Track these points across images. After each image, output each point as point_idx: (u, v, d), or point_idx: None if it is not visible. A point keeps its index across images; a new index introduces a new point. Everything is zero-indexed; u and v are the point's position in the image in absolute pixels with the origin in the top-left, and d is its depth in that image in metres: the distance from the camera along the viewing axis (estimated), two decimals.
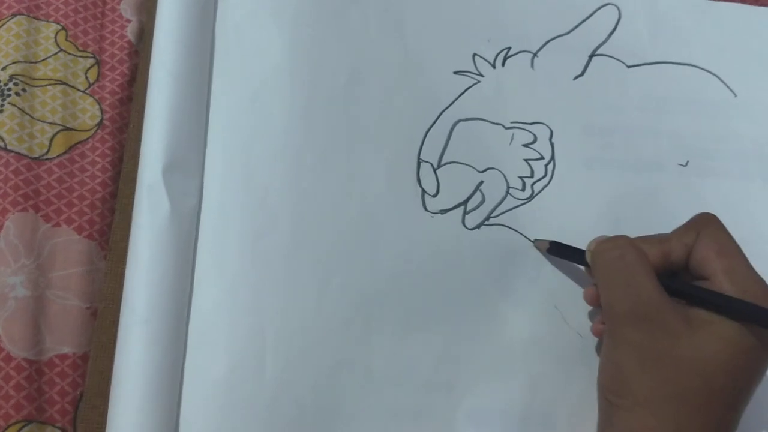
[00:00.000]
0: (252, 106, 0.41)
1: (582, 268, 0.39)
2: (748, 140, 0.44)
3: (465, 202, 0.40)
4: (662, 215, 0.41)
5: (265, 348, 0.36)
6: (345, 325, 0.37)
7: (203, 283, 0.37)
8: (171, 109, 0.38)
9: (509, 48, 0.45)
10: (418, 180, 0.41)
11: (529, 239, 0.40)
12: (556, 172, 0.42)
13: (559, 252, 0.39)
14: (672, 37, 0.46)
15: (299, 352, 0.36)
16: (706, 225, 0.34)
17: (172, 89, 0.38)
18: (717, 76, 0.46)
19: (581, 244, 0.37)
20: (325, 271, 0.38)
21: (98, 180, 0.39)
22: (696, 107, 0.45)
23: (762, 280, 0.32)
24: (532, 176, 0.42)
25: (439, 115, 0.42)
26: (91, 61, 0.42)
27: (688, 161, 0.43)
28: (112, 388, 0.33)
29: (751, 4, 0.49)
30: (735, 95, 0.45)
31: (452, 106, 0.43)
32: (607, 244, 0.35)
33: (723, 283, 0.32)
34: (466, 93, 0.43)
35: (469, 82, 0.44)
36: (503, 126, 0.43)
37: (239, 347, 0.36)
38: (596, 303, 0.36)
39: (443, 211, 0.40)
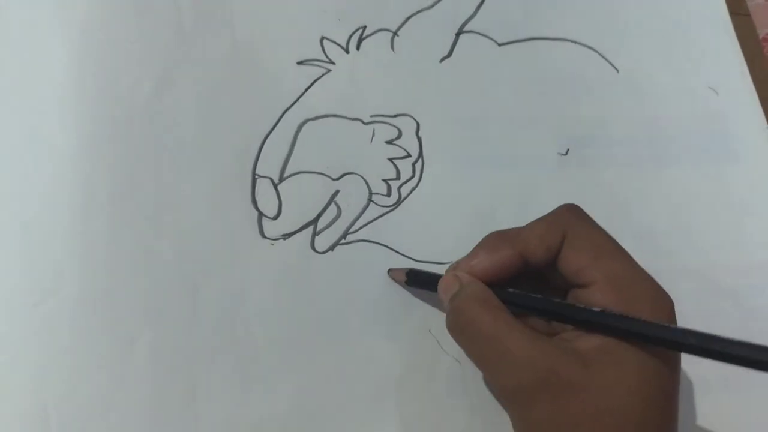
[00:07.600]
0: (29, 146, 0.33)
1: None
2: (634, 121, 0.40)
3: (315, 221, 0.34)
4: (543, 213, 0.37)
5: None
6: (159, 391, 0.30)
7: None
8: None
9: (364, 27, 0.39)
10: (254, 201, 0.34)
11: (399, 253, 0.35)
12: (425, 171, 0.37)
13: (421, 282, 0.33)
14: (546, 9, 0.41)
15: None
16: (573, 222, 0.29)
17: None
18: (596, 51, 0.41)
19: (459, 252, 0.32)
20: (130, 328, 0.31)
21: None
22: (576, 87, 0.40)
23: (650, 280, 0.28)
24: (398, 178, 0.36)
25: (281, 117, 0.36)
26: None
27: (568, 149, 0.38)
28: None
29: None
30: (617, 71, 0.41)
31: (297, 103, 0.36)
32: (455, 304, 0.29)
33: (607, 293, 0.27)
34: (314, 86, 0.37)
35: (317, 72, 0.37)
36: (362, 121, 0.37)
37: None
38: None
39: (286, 236, 0.34)
